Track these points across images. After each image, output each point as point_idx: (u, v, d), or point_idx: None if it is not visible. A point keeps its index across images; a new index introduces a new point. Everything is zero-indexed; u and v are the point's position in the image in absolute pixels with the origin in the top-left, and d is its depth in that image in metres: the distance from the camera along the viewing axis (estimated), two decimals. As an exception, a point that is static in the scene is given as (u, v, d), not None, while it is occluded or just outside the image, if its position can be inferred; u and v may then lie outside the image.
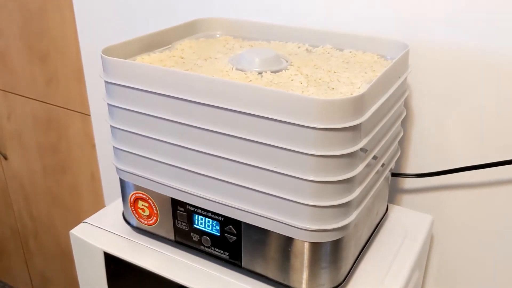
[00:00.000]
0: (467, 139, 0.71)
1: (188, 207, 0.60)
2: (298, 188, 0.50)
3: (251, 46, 0.70)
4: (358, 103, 0.48)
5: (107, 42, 0.62)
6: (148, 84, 0.55)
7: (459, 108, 0.70)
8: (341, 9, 0.74)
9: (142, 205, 0.64)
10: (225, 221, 0.58)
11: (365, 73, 0.59)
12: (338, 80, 0.56)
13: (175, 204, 0.61)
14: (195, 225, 0.61)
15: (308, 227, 0.51)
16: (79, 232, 0.69)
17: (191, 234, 0.62)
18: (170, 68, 0.59)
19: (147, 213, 0.64)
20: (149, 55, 0.65)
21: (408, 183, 0.79)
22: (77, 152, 1.26)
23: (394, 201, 0.81)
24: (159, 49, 0.68)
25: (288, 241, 0.54)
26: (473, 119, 0.70)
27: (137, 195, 0.64)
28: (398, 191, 0.81)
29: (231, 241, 0.59)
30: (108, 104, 0.60)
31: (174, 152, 0.57)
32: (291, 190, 0.51)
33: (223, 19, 0.77)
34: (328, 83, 0.55)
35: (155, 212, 0.64)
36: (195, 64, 0.62)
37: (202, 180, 0.56)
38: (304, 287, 0.56)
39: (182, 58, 0.64)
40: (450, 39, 0.67)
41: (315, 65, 0.61)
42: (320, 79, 0.57)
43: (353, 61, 0.64)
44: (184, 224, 0.61)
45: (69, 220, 1.41)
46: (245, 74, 0.57)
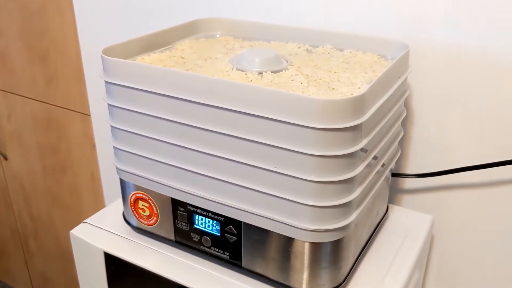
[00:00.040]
0: (467, 139, 0.71)
1: (188, 207, 0.60)
2: (299, 188, 0.50)
3: (252, 46, 0.70)
4: (358, 103, 0.48)
5: (107, 42, 0.62)
6: (148, 84, 0.55)
7: (459, 108, 0.70)
8: (341, 9, 0.74)
9: (142, 205, 0.64)
10: (225, 221, 0.58)
11: (366, 73, 0.59)
12: (339, 80, 0.56)
13: (176, 204, 0.61)
14: (195, 225, 0.61)
15: (309, 227, 0.51)
16: (79, 232, 0.69)
17: (192, 234, 0.62)
18: (170, 68, 0.59)
19: (147, 213, 0.64)
20: (149, 55, 0.65)
21: (408, 183, 0.79)
22: (77, 152, 1.26)
23: (394, 201, 0.81)
24: (160, 49, 0.68)
25: (289, 241, 0.54)
26: (473, 119, 0.70)
27: (137, 195, 0.64)
28: (398, 191, 0.81)
29: (232, 241, 0.59)
30: (108, 104, 0.60)
31: (175, 152, 0.57)
32: (291, 190, 0.51)
33: (224, 19, 0.77)
34: (329, 83, 0.55)
35: (155, 212, 0.64)
36: (195, 64, 0.62)
37: (203, 180, 0.56)
38: (304, 287, 0.56)
39: (182, 58, 0.64)
40: (450, 39, 0.67)
41: (315, 65, 0.61)
42: (320, 79, 0.57)
43: (354, 61, 0.64)
44: (184, 224, 0.61)
45: (69, 220, 1.41)
46: (246, 74, 0.57)
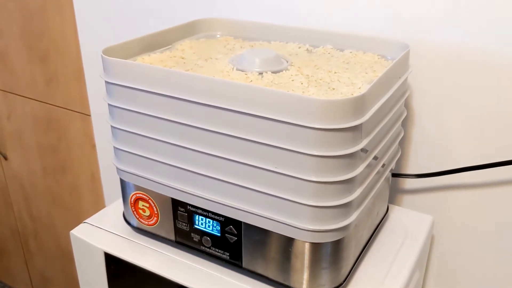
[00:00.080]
0: (467, 139, 0.71)
1: (188, 207, 0.60)
2: (299, 189, 0.50)
3: (252, 46, 0.70)
4: (358, 104, 0.48)
5: (107, 42, 0.62)
6: (148, 85, 0.55)
7: (459, 108, 0.70)
8: (341, 9, 0.74)
9: (143, 205, 0.64)
10: (225, 222, 0.58)
11: (366, 73, 0.59)
12: (339, 81, 0.56)
13: (176, 204, 0.61)
14: (195, 226, 0.61)
15: (309, 227, 0.51)
16: (79, 233, 0.69)
17: (192, 234, 0.62)
18: (170, 68, 0.59)
19: (147, 213, 0.64)
20: (149, 55, 0.65)
21: (409, 183, 0.79)
22: (77, 152, 1.26)
23: (395, 202, 0.81)
24: (160, 49, 0.68)
25: (289, 242, 0.54)
26: (473, 119, 0.70)
27: (137, 195, 0.64)
28: (398, 191, 0.81)
29: (232, 241, 0.58)
30: (108, 104, 0.60)
31: (175, 153, 0.57)
32: (291, 190, 0.50)
33: (224, 19, 0.77)
34: (329, 83, 0.55)
35: (156, 212, 0.64)
36: (195, 64, 0.61)
37: (203, 180, 0.56)
38: (304, 287, 0.56)
39: (182, 58, 0.64)
40: (450, 39, 0.67)
41: (315, 66, 0.61)
42: (320, 79, 0.57)
43: (354, 61, 0.64)
44: (184, 224, 0.61)
45: (69, 220, 1.41)
46: (246, 74, 0.57)
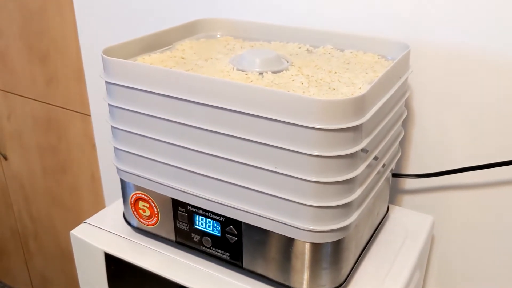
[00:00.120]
0: (467, 139, 0.71)
1: (188, 207, 0.60)
2: (299, 189, 0.50)
3: (252, 46, 0.70)
4: (359, 104, 0.47)
5: (107, 42, 0.62)
6: (149, 85, 0.55)
7: (459, 108, 0.70)
8: (342, 9, 0.74)
9: (143, 205, 0.64)
10: (226, 222, 0.58)
11: (366, 73, 0.59)
12: (339, 81, 0.56)
13: (176, 204, 0.61)
14: (195, 226, 0.61)
15: (309, 227, 0.51)
16: (79, 233, 0.69)
17: (192, 234, 0.61)
18: (171, 68, 0.59)
19: (147, 213, 0.64)
20: (149, 55, 0.65)
21: (409, 183, 0.79)
22: (77, 152, 1.26)
23: (395, 202, 0.81)
24: (160, 49, 0.68)
25: (289, 242, 0.54)
26: (473, 119, 0.70)
27: (137, 195, 0.64)
28: (398, 191, 0.81)
29: (232, 241, 0.58)
30: (108, 104, 0.60)
31: (175, 153, 0.57)
32: (292, 190, 0.50)
33: (224, 19, 0.77)
34: (329, 83, 0.55)
35: (156, 212, 0.63)
36: (196, 64, 0.61)
37: (203, 180, 0.56)
38: (305, 288, 0.56)
39: (183, 58, 0.64)
40: (450, 39, 0.67)
41: (316, 66, 0.61)
42: (321, 79, 0.56)
43: (354, 61, 0.63)
44: (184, 224, 0.61)
45: (69, 220, 1.41)
46: (246, 74, 0.57)
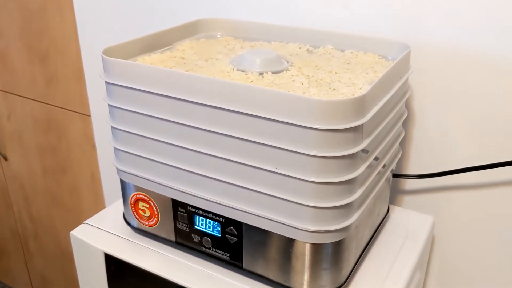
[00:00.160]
0: (468, 139, 0.71)
1: (189, 208, 0.60)
2: (299, 189, 0.50)
3: (252, 46, 0.70)
4: (359, 104, 0.47)
5: (107, 42, 0.62)
6: (149, 85, 0.55)
7: (460, 109, 0.70)
8: (342, 9, 0.74)
9: (143, 206, 0.64)
10: (226, 222, 0.58)
11: (367, 73, 0.59)
12: (340, 81, 0.56)
13: (176, 205, 0.61)
14: (195, 226, 0.60)
15: (310, 228, 0.51)
16: (79, 233, 0.68)
17: (192, 235, 0.61)
18: (171, 68, 0.59)
19: (147, 214, 0.64)
20: (150, 55, 0.65)
21: (409, 184, 0.79)
22: (77, 152, 1.26)
23: (395, 202, 0.81)
24: (160, 49, 0.68)
25: (289, 242, 0.54)
26: (474, 120, 0.70)
27: (137, 196, 0.64)
28: (399, 192, 0.81)
29: (232, 242, 0.58)
30: (108, 104, 0.60)
31: (175, 153, 0.57)
32: (292, 191, 0.50)
33: (224, 19, 0.77)
34: (330, 83, 0.55)
35: (156, 213, 0.63)
36: (196, 64, 0.61)
37: (203, 181, 0.56)
38: (305, 289, 0.56)
39: (183, 58, 0.64)
40: (450, 39, 0.67)
41: (316, 66, 0.61)
42: (321, 79, 0.56)
43: (354, 61, 0.63)
44: (185, 225, 0.61)
45: (69, 221, 1.41)
46: (246, 74, 0.57)
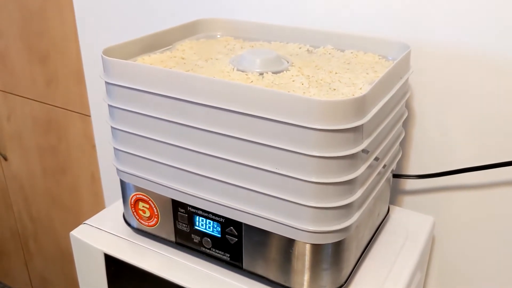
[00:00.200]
0: (468, 139, 0.71)
1: (189, 208, 0.60)
2: (300, 190, 0.50)
3: (252, 46, 0.70)
4: (360, 104, 0.47)
5: (107, 42, 0.62)
6: (149, 85, 0.55)
7: (460, 109, 0.70)
8: (342, 9, 0.74)
9: (143, 206, 0.64)
10: (226, 223, 0.58)
11: (367, 73, 0.58)
12: (340, 81, 0.56)
13: (176, 205, 0.61)
14: (196, 227, 0.60)
15: (310, 228, 0.51)
16: (79, 234, 0.68)
17: (192, 235, 0.61)
18: (171, 69, 0.59)
19: (147, 214, 0.64)
20: (149, 55, 0.65)
21: (410, 184, 0.79)
22: (77, 153, 1.26)
23: (396, 202, 0.81)
24: (160, 49, 0.68)
25: (290, 243, 0.54)
26: (474, 120, 0.70)
27: (137, 196, 0.64)
28: (399, 192, 0.80)
29: (232, 242, 0.58)
30: (108, 105, 0.60)
31: (175, 153, 0.57)
32: (292, 191, 0.50)
33: (224, 19, 0.77)
34: (330, 84, 0.55)
35: (156, 213, 0.63)
36: (196, 65, 0.61)
37: (203, 181, 0.56)
38: (305, 289, 0.56)
39: (183, 58, 0.64)
40: (450, 39, 0.67)
41: (316, 66, 0.61)
42: (321, 80, 0.56)
43: (355, 61, 0.63)
44: (185, 225, 0.61)
45: (69, 221, 1.41)
46: (246, 75, 0.57)
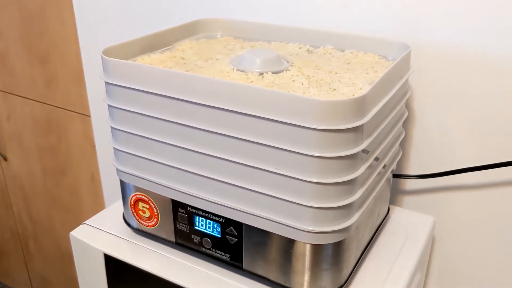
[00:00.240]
0: (468, 139, 0.71)
1: (188, 208, 0.60)
2: (300, 190, 0.50)
3: (252, 46, 0.70)
4: (360, 104, 0.47)
5: (107, 42, 0.62)
6: (148, 85, 0.54)
7: (460, 109, 0.70)
8: (342, 9, 0.74)
9: (143, 206, 0.64)
10: (226, 223, 0.58)
11: (367, 73, 0.58)
12: (340, 81, 0.56)
13: (176, 205, 0.61)
14: (195, 227, 0.60)
15: (310, 228, 0.51)
16: (79, 234, 0.68)
17: (192, 235, 0.61)
18: (170, 69, 0.59)
19: (147, 214, 0.64)
20: (149, 55, 0.65)
21: (410, 184, 0.79)
22: (77, 153, 1.26)
23: (396, 203, 0.81)
24: (160, 49, 0.68)
25: (290, 243, 0.54)
26: (474, 120, 0.70)
27: (137, 196, 0.64)
28: (399, 192, 0.80)
29: (232, 242, 0.58)
30: (108, 105, 0.60)
31: (175, 154, 0.56)
32: (292, 191, 0.50)
33: (224, 19, 0.77)
34: (330, 84, 0.55)
35: (156, 213, 0.63)
36: (195, 65, 0.61)
37: (203, 181, 0.56)
38: (305, 289, 0.56)
39: (182, 59, 0.64)
40: (450, 39, 0.67)
41: (316, 66, 0.61)
42: (321, 80, 0.56)
43: (355, 61, 0.63)
44: (184, 225, 0.61)
45: (69, 221, 1.41)
46: (246, 75, 0.57)
